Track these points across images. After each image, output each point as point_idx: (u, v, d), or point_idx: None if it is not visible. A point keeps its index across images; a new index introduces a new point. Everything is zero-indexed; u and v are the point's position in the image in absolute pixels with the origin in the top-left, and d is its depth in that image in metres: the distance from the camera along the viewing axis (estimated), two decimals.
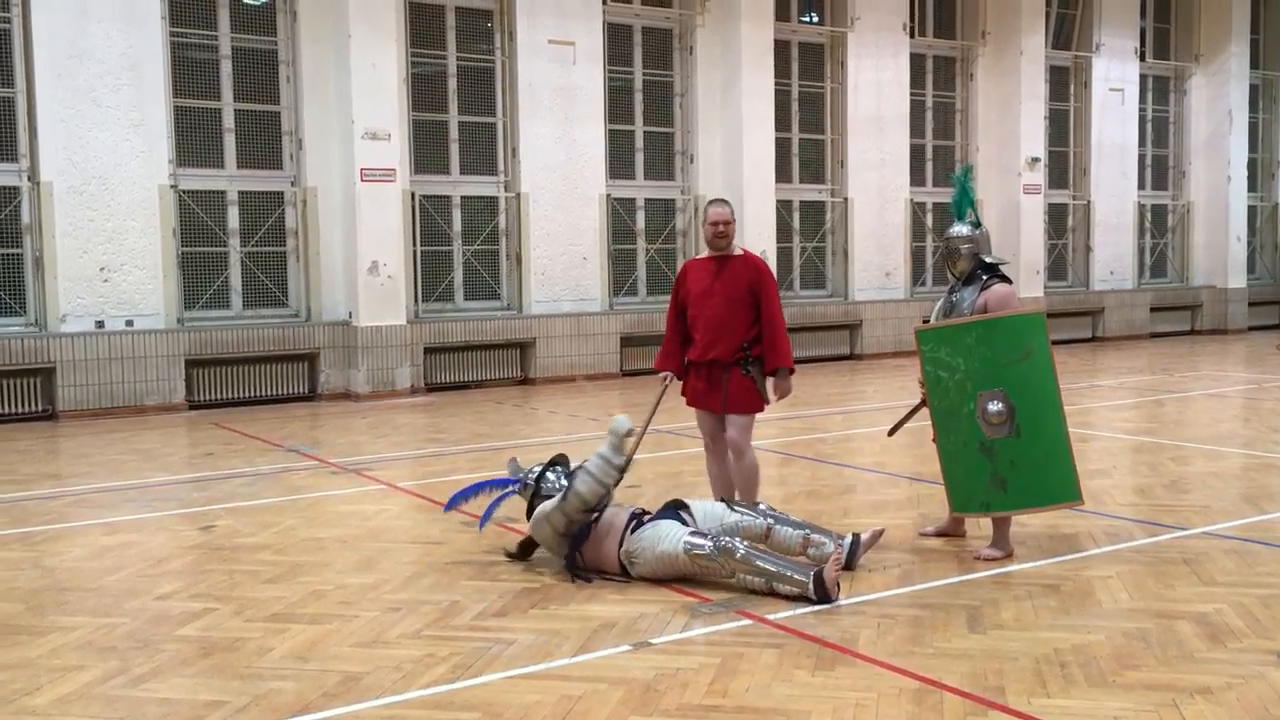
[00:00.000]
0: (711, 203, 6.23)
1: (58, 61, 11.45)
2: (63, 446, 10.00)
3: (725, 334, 5.99)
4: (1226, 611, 4.75)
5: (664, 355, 6.33)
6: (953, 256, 6.01)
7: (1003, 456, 5.57)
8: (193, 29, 12.37)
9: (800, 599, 4.94)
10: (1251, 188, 21.36)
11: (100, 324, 11.76)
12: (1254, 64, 21.06)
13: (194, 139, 12.44)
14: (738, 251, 6.19)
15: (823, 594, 4.92)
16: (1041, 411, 5.54)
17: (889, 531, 6.20)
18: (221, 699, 4.00)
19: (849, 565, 5.39)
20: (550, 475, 5.73)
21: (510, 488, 5.85)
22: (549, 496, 5.55)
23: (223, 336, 12.27)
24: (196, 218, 12.38)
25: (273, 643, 4.57)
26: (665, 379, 6.24)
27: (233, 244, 12.64)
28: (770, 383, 6.12)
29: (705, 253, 6.27)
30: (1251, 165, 21.27)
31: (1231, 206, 20.39)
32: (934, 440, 5.89)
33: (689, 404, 6.28)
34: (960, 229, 6.00)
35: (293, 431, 10.54)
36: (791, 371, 6.10)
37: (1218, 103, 20.38)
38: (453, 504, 5.97)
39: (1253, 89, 21.19)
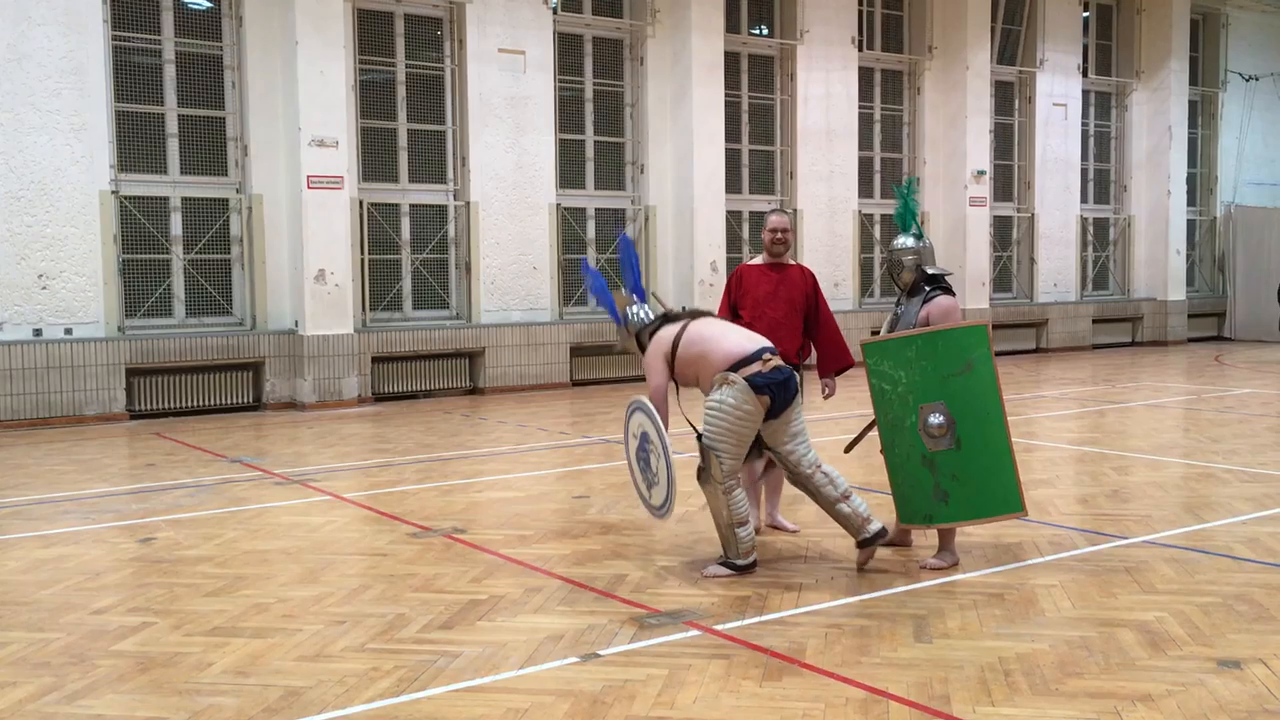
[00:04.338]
0: (771, 211, 6.72)
1: None
2: None
3: (785, 337, 6.32)
4: (1167, 620, 4.81)
5: None
6: (896, 269, 6.08)
7: (944, 469, 5.60)
8: (136, 33, 12.18)
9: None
10: (1191, 202, 21.81)
11: (38, 332, 11.53)
12: (1193, 81, 21.50)
13: (136, 144, 12.24)
14: (791, 261, 6.54)
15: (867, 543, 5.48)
16: (983, 424, 5.57)
17: (836, 541, 6.24)
18: (159, 715, 3.92)
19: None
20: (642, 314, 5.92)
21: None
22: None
23: (165, 345, 12.07)
24: (139, 224, 12.19)
25: (212, 657, 4.49)
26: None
27: (176, 251, 12.45)
28: (823, 383, 6.70)
29: (758, 259, 6.59)
30: (1191, 180, 21.72)
31: (1172, 221, 20.80)
32: (882, 452, 5.94)
33: None
34: (904, 241, 6.06)
35: (237, 442, 10.39)
36: (844, 370, 6.63)
37: (1158, 119, 20.79)
38: (595, 280, 6.13)
39: (1192, 105, 21.65)
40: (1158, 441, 9.99)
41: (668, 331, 5.70)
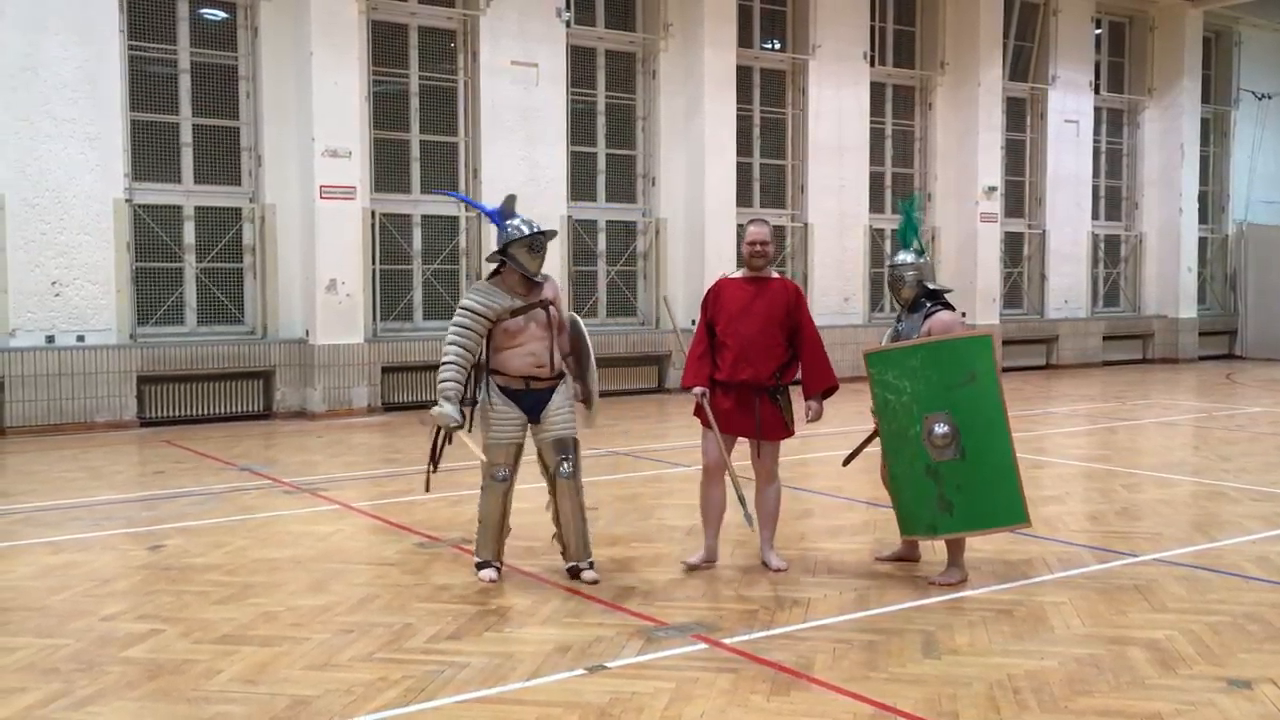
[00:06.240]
0: (750, 222, 6.16)
1: (12, 74, 11.29)
2: (9, 463, 9.81)
3: (759, 356, 5.85)
4: (1177, 638, 4.79)
5: (694, 372, 5.99)
6: (897, 284, 6.08)
7: (949, 479, 5.59)
8: (151, 43, 12.26)
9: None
10: (1202, 220, 21.76)
11: (51, 339, 11.58)
12: (1205, 99, 21.48)
13: (151, 153, 12.30)
14: (773, 274, 6.09)
15: None
16: (987, 435, 5.56)
17: (844, 556, 6.22)
18: None
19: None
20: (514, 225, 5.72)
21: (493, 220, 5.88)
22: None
23: (176, 353, 12.11)
24: (152, 233, 12.24)
25: (221, 665, 4.50)
26: (702, 394, 5.90)
27: (188, 259, 12.50)
28: (807, 405, 5.94)
29: (739, 273, 6.13)
30: (1202, 198, 21.67)
31: (1183, 238, 20.75)
32: (881, 469, 5.94)
33: (707, 425, 5.96)
34: (905, 257, 6.07)
35: (246, 450, 10.41)
36: (830, 393, 5.98)
37: (1170, 136, 20.76)
38: (444, 193, 6.20)
39: (1204, 123, 21.62)
40: (1168, 459, 9.95)
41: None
